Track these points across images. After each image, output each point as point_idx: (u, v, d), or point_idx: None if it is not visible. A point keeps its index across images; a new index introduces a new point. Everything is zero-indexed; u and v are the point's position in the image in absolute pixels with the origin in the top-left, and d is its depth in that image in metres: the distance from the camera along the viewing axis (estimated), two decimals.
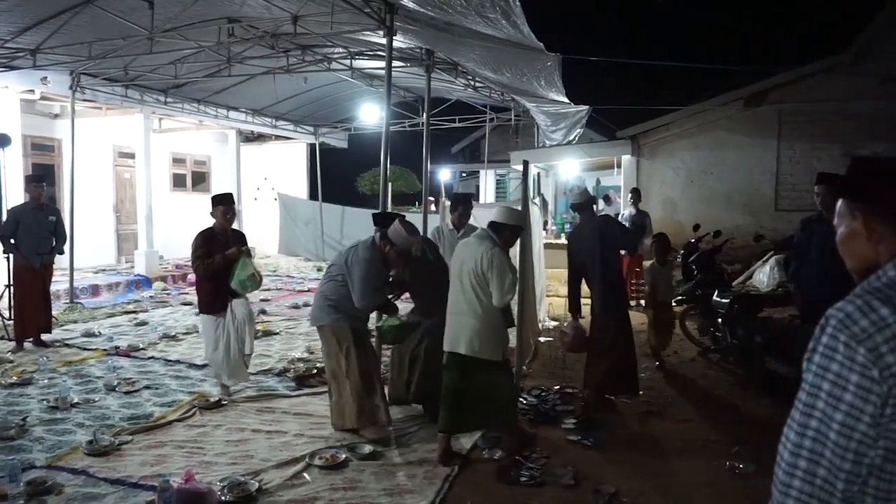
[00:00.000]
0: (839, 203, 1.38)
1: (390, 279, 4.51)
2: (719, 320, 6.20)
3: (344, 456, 3.91)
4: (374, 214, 4.93)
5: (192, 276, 11.91)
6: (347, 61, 9.73)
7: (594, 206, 5.39)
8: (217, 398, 4.95)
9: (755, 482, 3.66)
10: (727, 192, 10.94)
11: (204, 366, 6.03)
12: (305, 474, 3.70)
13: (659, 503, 3.43)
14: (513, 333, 4.68)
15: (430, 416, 4.61)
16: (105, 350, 6.56)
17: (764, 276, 9.47)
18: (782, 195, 10.76)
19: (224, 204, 5.12)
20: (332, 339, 4.31)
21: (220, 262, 4.93)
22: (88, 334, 7.31)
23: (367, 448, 4.04)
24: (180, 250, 13.79)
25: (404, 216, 4.36)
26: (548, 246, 9.96)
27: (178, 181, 14.93)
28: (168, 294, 10.52)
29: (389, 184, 6.46)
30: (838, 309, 1.21)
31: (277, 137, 16.09)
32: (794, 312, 6.35)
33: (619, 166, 12.71)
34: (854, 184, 1.35)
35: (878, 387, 1.12)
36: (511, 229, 4.00)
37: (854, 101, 9.95)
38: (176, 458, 3.87)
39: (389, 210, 6.05)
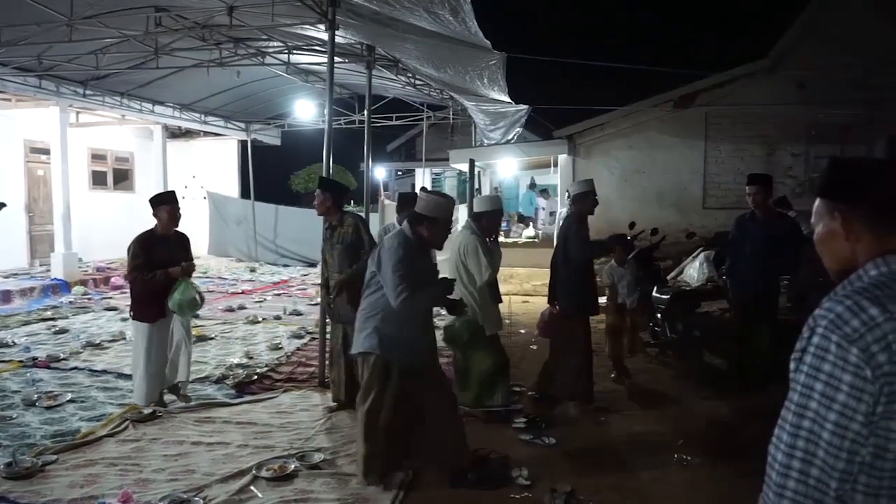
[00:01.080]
0: (817, 202, 1.39)
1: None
2: (659, 316, 6.38)
3: (293, 466, 3.75)
4: (320, 178, 4.95)
5: (115, 280, 11.28)
6: (282, 56, 9.43)
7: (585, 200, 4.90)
8: (152, 409, 4.65)
9: (703, 474, 3.77)
10: (659, 191, 11.33)
11: None
12: (253, 487, 3.52)
13: (615, 499, 3.46)
14: None
15: None
16: (21, 361, 6.05)
17: (694, 271, 9.84)
18: (709, 193, 11.25)
19: (170, 203, 4.65)
20: (365, 370, 3.57)
21: (161, 278, 4.51)
22: (1, 344, 6.73)
23: (317, 457, 3.90)
24: (101, 252, 13.04)
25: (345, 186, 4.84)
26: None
27: (98, 179, 14.08)
28: (89, 299, 9.87)
29: None
30: (827, 309, 1.22)
31: (207, 134, 15.45)
32: (724, 306, 6.62)
33: (555, 165, 12.94)
34: (834, 184, 1.36)
35: (871, 386, 1.13)
36: (486, 215, 4.47)
37: (773, 104, 10.51)
38: (109, 478, 3.59)
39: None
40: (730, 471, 3.77)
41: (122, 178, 14.77)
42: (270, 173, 19.10)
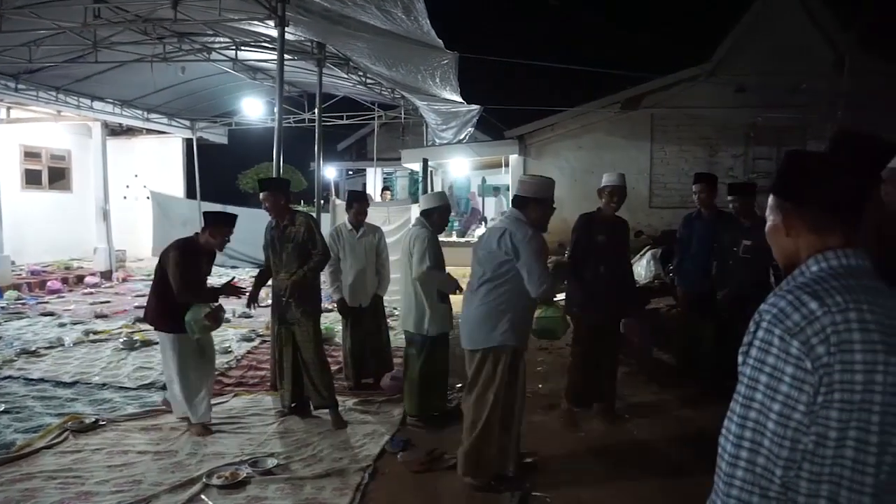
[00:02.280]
0: (770, 196, 1.44)
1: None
2: None
3: (245, 472, 3.66)
4: (260, 181, 4.80)
5: (51, 284, 10.76)
6: (229, 52, 9.19)
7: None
8: (94, 419, 4.45)
9: (659, 468, 3.87)
10: None
11: (74, 383, 5.42)
12: (203, 496, 3.42)
13: (570, 496, 3.51)
14: None
15: (335, 422, 4.53)
16: None
17: (641, 269, 10.11)
18: (655, 193, 11.58)
19: (230, 225, 4.40)
20: (491, 362, 3.47)
21: (207, 293, 4.38)
22: None
23: (270, 462, 3.82)
24: (36, 255, 12.42)
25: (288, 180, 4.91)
26: (444, 244, 10.02)
27: (32, 178, 13.38)
28: (24, 304, 9.38)
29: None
30: (771, 304, 1.27)
31: (150, 131, 14.92)
32: (671, 303, 6.81)
33: (506, 165, 13.06)
34: (782, 181, 1.41)
35: (811, 377, 1.18)
36: (436, 211, 4.48)
37: (713, 107, 10.92)
38: (48, 492, 3.42)
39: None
40: (681, 464, 3.88)
41: (59, 178, 14.10)
42: (217, 173, 18.63)
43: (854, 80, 8.98)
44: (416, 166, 12.83)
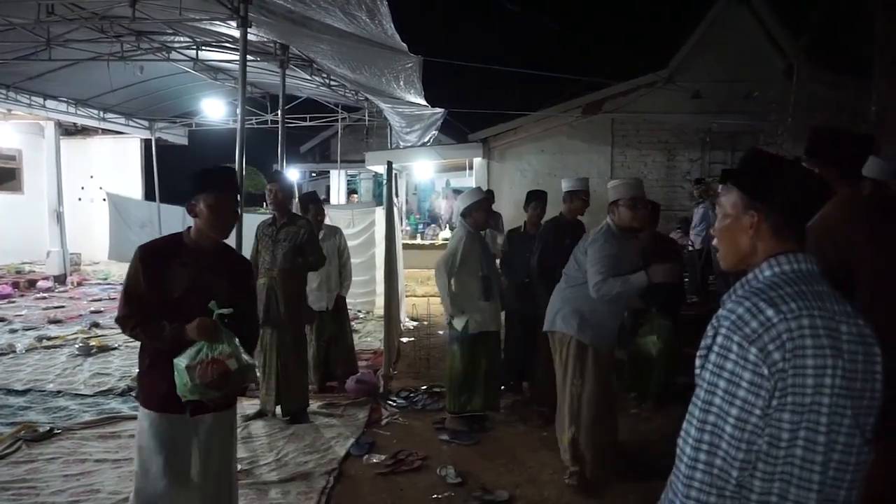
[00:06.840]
0: (734, 192, 1.43)
1: None
2: None
3: None
4: (274, 171, 4.79)
5: (1, 288, 10.38)
6: (190, 52, 9.01)
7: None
8: (48, 427, 4.33)
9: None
10: None
11: (27, 391, 5.25)
12: None
13: (533, 493, 3.58)
14: (379, 336, 4.68)
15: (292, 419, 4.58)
16: None
17: None
18: None
19: (218, 189, 2.58)
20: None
21: (169, 336, 2.38)
22: None
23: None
24: None
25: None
26: (406, 247, 10.06)
27: None
28: None
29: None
30: (730, 311, 1.31)
31: (106, 132, 14.51)
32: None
33: (471, 168, 13.14)
34: (755, 180, 1.41)
35: (767, 382, 1.23)
36: (470, 209, 4.37)
37: (671, 113, 11.20)
38: None
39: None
40: (644, 462, 3.98)
41: (9, 178, 13.59)
42: (177, 174, 18.15)
43: (803, 88, 9.32)
44: (381, 168, 12.80)
